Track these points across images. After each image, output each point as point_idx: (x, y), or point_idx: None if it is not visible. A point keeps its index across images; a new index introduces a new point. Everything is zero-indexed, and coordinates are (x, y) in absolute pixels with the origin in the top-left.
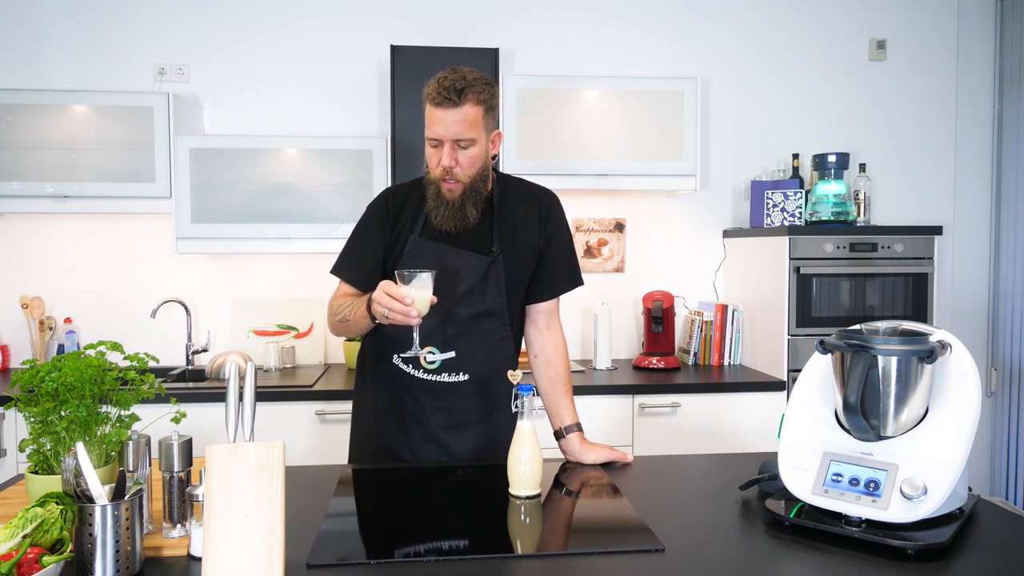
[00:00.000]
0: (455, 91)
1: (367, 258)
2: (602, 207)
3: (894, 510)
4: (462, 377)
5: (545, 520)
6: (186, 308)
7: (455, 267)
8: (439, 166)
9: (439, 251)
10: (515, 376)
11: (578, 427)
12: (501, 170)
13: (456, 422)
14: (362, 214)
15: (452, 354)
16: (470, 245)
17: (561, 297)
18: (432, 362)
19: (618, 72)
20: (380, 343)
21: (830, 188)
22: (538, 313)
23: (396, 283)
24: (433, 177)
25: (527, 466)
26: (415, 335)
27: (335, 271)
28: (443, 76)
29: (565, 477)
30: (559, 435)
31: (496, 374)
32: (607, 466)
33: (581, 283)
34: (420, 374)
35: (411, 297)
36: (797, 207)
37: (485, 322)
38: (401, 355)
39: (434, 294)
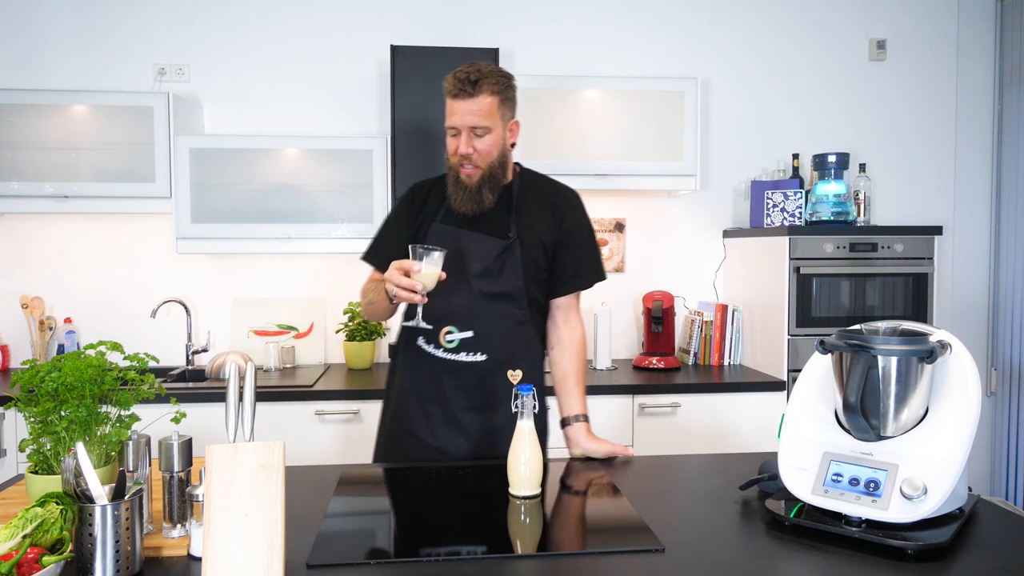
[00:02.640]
0: (470, 82)
1: (393, 245)
2: (602, 207)
3: (894, 510)
4: (479, 357)
5: (545, 520)
6: (186, 308)
7: (468, 247)
8: (456, 154)
9: (456, 235)
10: (515, 376)
11: (585, 418)
12: None
13: (474, 403)
14: (393, 205)
15: (470, 333)
16: (488, 231)
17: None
18: (451, 341)
19: (618, 72)
20: (408, 327)
21: (830, 188)
22: (556, 308)
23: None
24: (452, 164)
25: (527, 466)
26: (419, 308)
27: (365, 257)
28: (459, 69)
29: (565, 477)
30: (565, 422)
31: (514, 358)
32: (609, 461)
33: (601, 278)
34: (440, 353)
35: (418, 266)
36: (797, 207)
37: (502, 305)
38: (404, 323)
39: (448, 271)
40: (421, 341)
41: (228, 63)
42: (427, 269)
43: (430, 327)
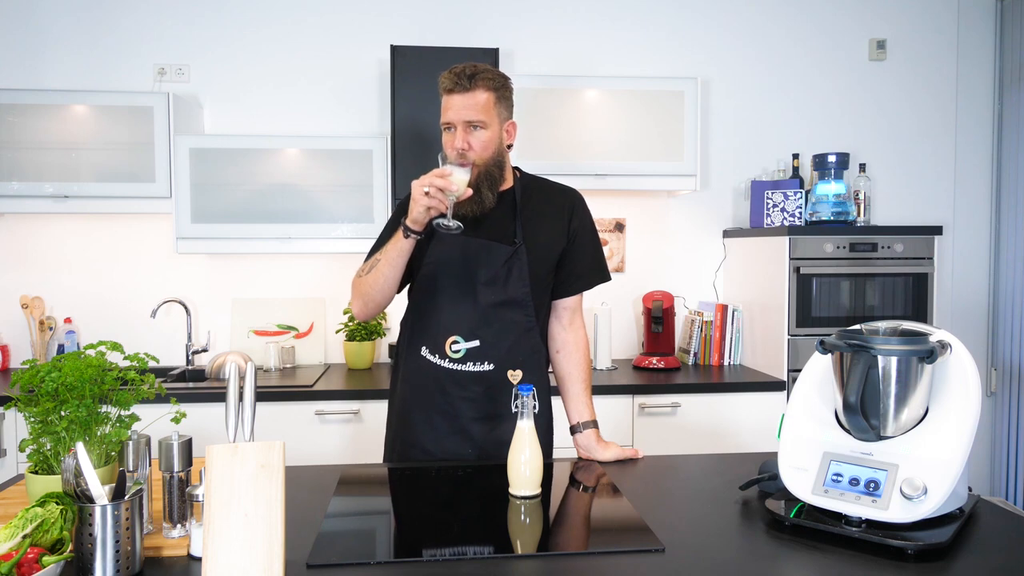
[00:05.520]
0: (466, 76)
1: None
2: (602, 207)
3: (894, 510)
4: (487, 367)
5: (545, 520)
6: (186, 308)
7: (476, 254)
8: (453, 150)
9: (462, 241)
10: (515, 376)
11: (594, 424)
12: None
13: (483, 413)
14: (394, 210)
15: (476, 343)
16: (493, 237)
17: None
18: (457, 351)
19: (618, 72)
20: (411, 336)
21: (830, 188)
22: (563, 309)
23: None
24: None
25: (527, 466)
26: (450, 210)
27: (366, 262)
28: (455, 66)
29: (565, 477)
30: (575, 430)
31: (523, 365)
32: (615, 462)
33: (607, 279)
34: (446, 364)
35: (451, 170)
36: (797, 207)
37: (509, 312)
38: (442, 223)
39: (454, 280)
40: (425, 351)
41: (228, 63)
42: (459, 176)
43: (458, 353)
